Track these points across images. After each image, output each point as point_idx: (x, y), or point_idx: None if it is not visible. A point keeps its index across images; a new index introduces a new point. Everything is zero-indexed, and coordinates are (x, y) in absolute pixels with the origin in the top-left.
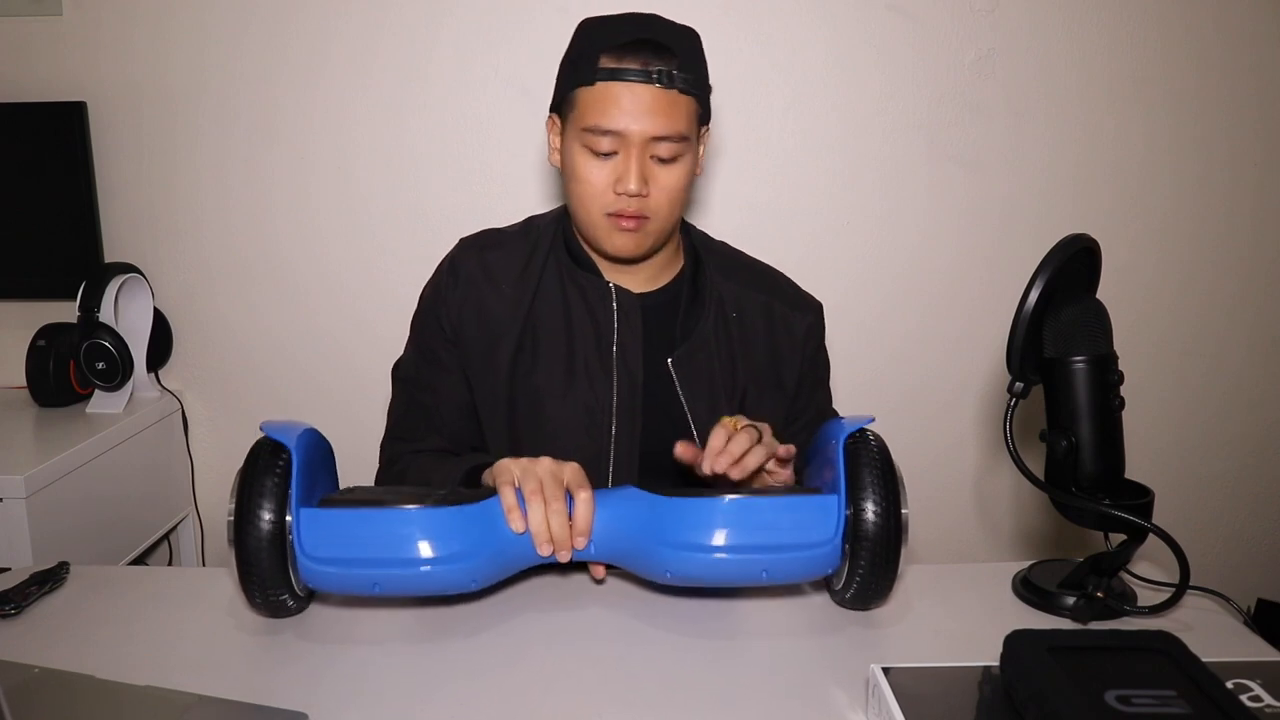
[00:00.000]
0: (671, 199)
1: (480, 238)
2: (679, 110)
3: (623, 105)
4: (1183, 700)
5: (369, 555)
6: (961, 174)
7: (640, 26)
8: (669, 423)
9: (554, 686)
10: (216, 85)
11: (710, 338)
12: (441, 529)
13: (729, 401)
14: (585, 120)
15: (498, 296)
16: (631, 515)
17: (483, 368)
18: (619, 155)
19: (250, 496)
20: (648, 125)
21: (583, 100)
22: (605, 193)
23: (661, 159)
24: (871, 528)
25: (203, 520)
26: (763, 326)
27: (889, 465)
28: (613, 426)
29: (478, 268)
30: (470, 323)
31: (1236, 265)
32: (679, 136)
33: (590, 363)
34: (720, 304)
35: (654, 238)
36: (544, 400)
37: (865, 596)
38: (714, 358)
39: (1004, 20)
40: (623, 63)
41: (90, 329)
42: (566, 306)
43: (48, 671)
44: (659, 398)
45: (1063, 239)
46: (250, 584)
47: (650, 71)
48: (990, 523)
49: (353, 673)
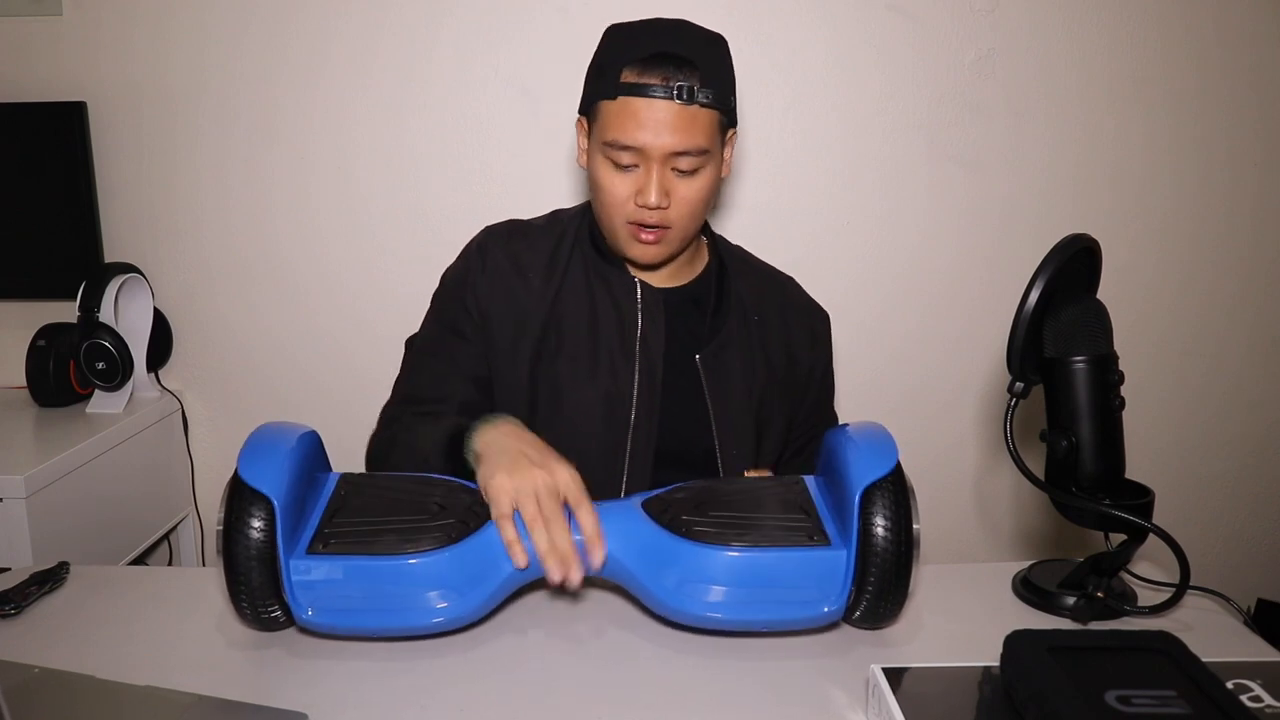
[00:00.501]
0: (692, 209)
1: (507, 227)
2: (699, 125)
3: (642, 121)
4: (1183, 700)
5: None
6: (961, 174)
7: (664, 38)
8: (690, 418)
9: (554, 685)
10: (217, 85)
11: (737, 338)
12: (438, 578)
13: (749, 401)
14: (606, 134)
15: (525, 287)
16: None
17: (506, 354)
18: (640, 168)
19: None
20: (668, 141)
21: (605, 113)
22: (626, 203)
23: (682, 171)
24: (881, 552)
25: (203, 520)
26: (779, 330)
27: (903, 490)
28: (631, 417)
29: (505, 258)
30: (497, 309)
31: (1236, 265)
32: (699, 150)
33: (613, 353)
34: (743, 305)
35: (675, 246)
36: (564, 388)
37: (875, 617)
38: (739, 358)
39: (1004, 20)
40: (644, 78)
41: (90, 329)
42: (592, 299)
43: (48, 671)
44: (681, 393)
45: (1063, 239)
46: (240, 602)
47: (671, 87)
48: (990, 523)
49: (352, 673)
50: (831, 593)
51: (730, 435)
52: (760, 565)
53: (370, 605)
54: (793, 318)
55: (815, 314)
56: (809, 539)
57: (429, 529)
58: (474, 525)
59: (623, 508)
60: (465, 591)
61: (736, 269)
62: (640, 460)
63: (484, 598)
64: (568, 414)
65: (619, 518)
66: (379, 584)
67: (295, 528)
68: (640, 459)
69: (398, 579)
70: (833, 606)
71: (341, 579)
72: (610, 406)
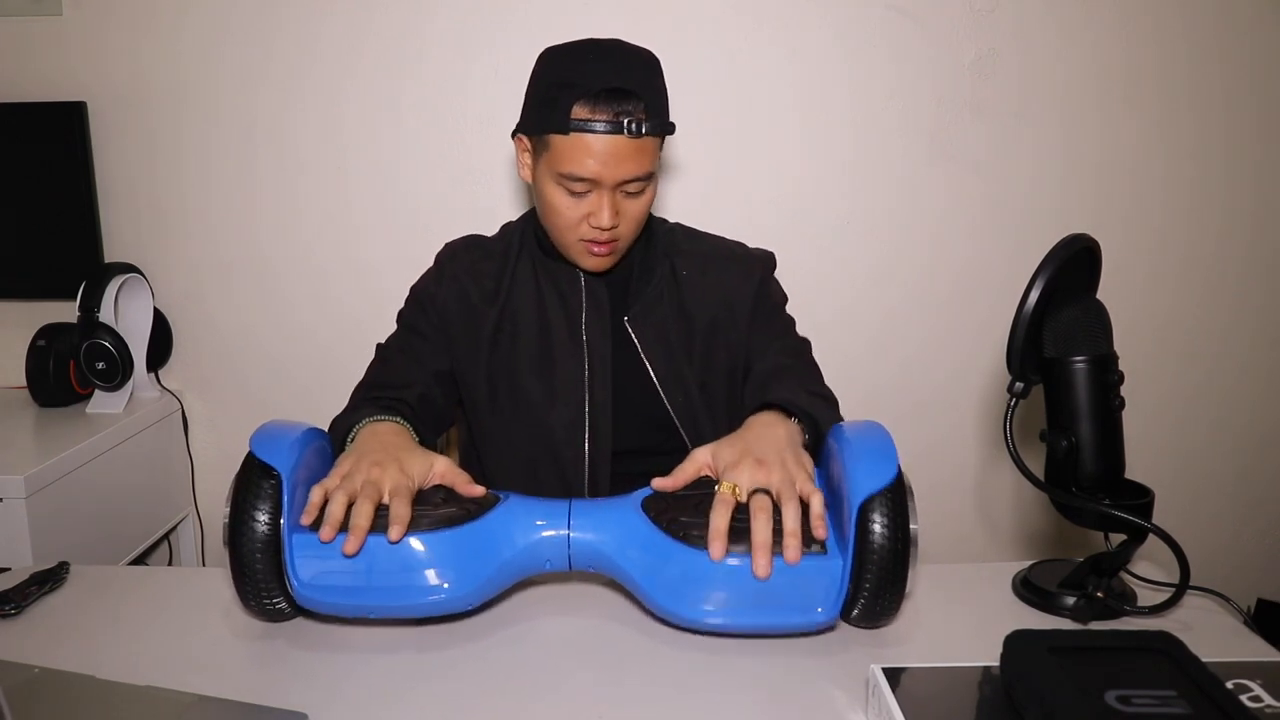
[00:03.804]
0: (638, 222)
1: (462, 240)
2: (646, 152)
3: (596, 153)
4: (1183, 700)
5: (364, 584)
6: (961, 173)
7: (609, 71)
8: (636, 382)
9: (554, 686)
10: (217, 85)
11: (663, 295)
12: (437, 556)
13: (685, 353)
14: (560, 166)
15: (479, 289)
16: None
17: (466, 353)
18: (591, 194)
19: (243, 511)
20: (619, 172)
21: (557, 146)
22: (580, 224)
23: (629, 193)
24: (879, 550)
25: (203, 520)
26: (715, 280)
27: (901, 493)
28: (587, 397)
29: (461, 266)
30: (455, 310)
31: (1237, 265)
32: (647, 175)
33: (563, 341)
34: (671, 266)
35: (622, 254)
36: (522, 379)
37: (873, 616)
38: (666, 313)
39: (1004, 20)
40: (595, 114)
41: (90, 329)
42: (539, 293)
43: (48, 671)
44: (624, 361)
45: (1063, 239)
46: (245, 592)
47: (620, 122)
48: (990, 523)
49: (352, 673)
50: (827, 600)
51: (673, 386)
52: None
53: (370, 583)
54: (728, 267)
55: (753, 258)
56: (805, 546)
57: (431, 515)
58: (476, 514)
59: (622, 508)
60: (464, 572)
61: (666, 238)
62: (601, 434)
63: (481, 580)
64: (526, 400)
65: (618, 517)
66: (380, 560)
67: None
68: (601, 433)
69: (399, 555)
70: (827, 613)
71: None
72: (565, 389)
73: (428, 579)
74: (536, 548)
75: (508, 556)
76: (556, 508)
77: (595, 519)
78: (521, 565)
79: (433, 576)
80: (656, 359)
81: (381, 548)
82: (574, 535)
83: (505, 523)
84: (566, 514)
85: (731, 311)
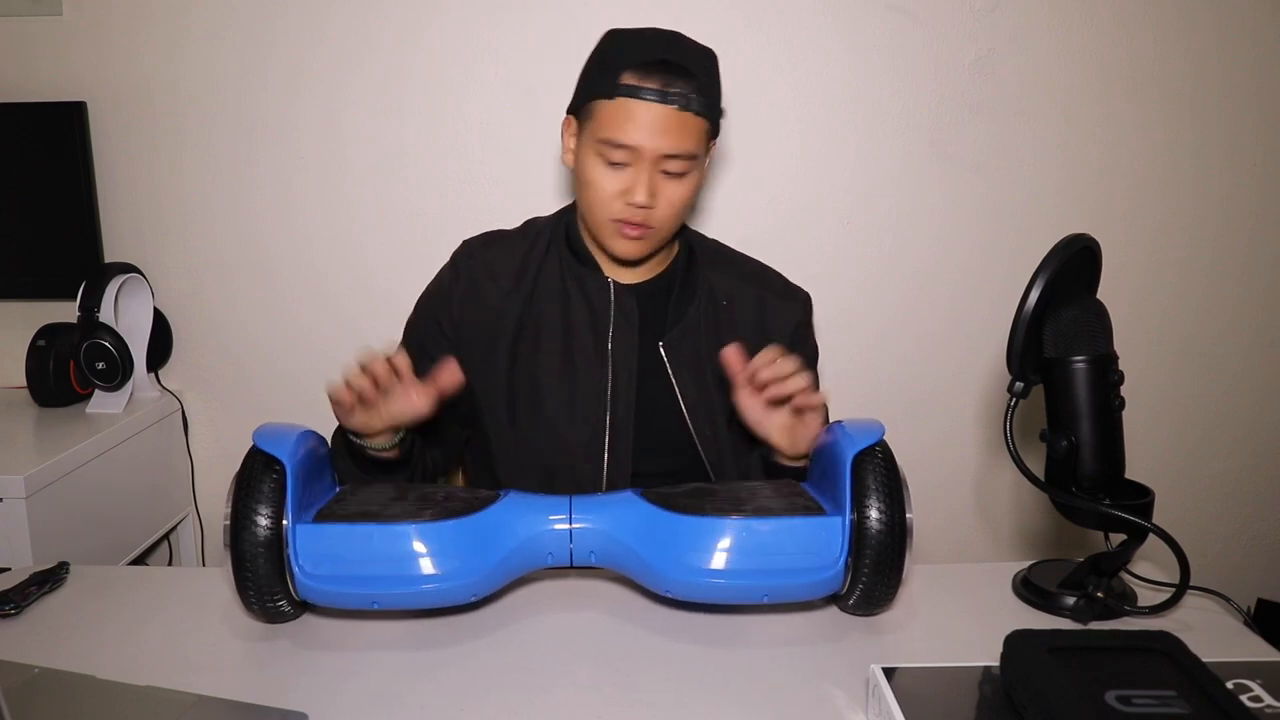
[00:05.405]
0: (676, 211)
1: (481, 237)
2: (691, 131)
3: (639, 122)
4: (1183, 700)
5: (367, 573)
6: (961, 174)
7: (663, 46)
8: (662, 405)
9: (554, 685)
10: (218, 84)
11: (701, 322)
12: (439, 545)
13: (717, 384)
14: (602, 132)
15: (497, 291)
16: (633, 525)
17: (483, 357)
18: (631, 167)
19: (245, 506)
20: (661, 143)
21: (601, 112)
22: (615, 200)
23: (670, 173)
24: (875, 534)
25: (203, 520)
26: (753, 315)
27: (893, 470)
28: (608, 413)
29: (478, 265)
30: (471, 316)
31: (1237, 265)
32: (689, 155)
33: (587, 351)
34: (711, 292)
35: (656, 244)
36: (542, 388)
37: (869, 602)
38: (703, 341)
39: (1004, 20)
40: (644, 81)
41: (90, 329)
42: (566, 299)
43: (48, 671)
44: (652, 381)
45: (1063, 239)
46: (247, 591)
47: (669, 92)
48: (990, 523)
49: (352, 673)
50: (828, 559)
51: (702, 417)
52: (757, 533)
53: (371, 573)
54: (769, 301)
55: (792, 295)
56: (805, 510)
57: (433, 510)
58: (478, 507)
59: (621, 496)
60: (467, 562)
61: (707, 258)
62: (620, 453)
63: (484, 571)
64: (546, 414)
65: (618, 503)
66: (382, 549)
67: (303, 504)
68: (620, 452)
69: (401, 544)
70: (831, 569)
71: (345, 545)
72: (587, 404)
73: (430, 568)
74: (538, 540)
75: (510, 548)
76: (558, 502)
77: (596, 508)
78: (523, 557)
79: (435, 566)
80: (687, 386)
81: (384, 537)
82: (575, 526)
83: (508, 515)
84: (568, 507)
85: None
